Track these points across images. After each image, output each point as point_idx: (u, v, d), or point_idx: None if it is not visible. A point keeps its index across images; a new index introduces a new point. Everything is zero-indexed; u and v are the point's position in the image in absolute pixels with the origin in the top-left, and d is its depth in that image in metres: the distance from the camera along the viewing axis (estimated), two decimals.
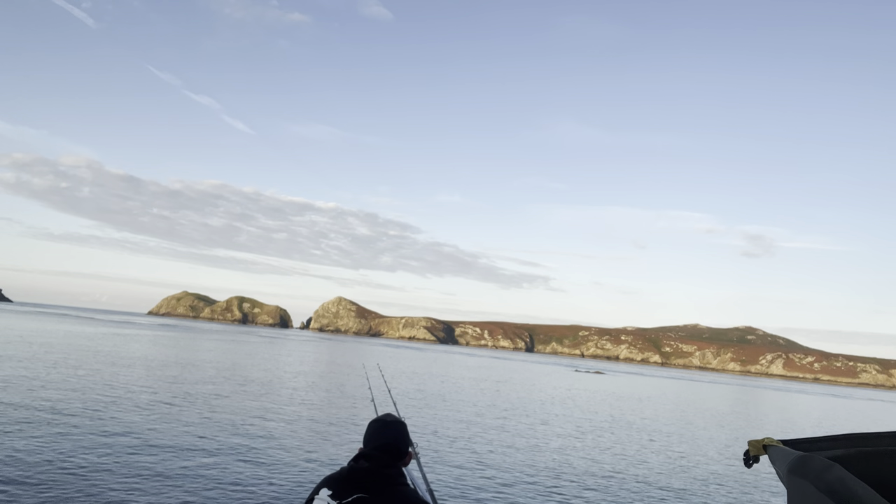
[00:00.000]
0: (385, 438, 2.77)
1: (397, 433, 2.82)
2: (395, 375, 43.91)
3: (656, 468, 17.60)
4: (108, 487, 10.49)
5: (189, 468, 12.25)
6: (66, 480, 10.63)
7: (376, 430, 2.82)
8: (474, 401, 31.96)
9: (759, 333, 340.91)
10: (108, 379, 25.34)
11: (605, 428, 25.96)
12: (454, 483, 13.26)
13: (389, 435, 2.79)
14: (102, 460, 12.14)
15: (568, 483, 14.47)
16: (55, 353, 34.89)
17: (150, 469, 11.88)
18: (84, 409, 17.46)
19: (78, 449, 12.82)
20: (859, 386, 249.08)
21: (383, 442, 2.76)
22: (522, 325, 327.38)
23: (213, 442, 14.93)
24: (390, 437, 2.79)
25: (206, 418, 18.20)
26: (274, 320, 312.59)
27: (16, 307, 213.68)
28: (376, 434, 2.80)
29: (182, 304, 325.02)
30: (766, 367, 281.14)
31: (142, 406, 19.19)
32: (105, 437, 14.14)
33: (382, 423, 2.85)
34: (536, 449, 18.78)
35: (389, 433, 2.80)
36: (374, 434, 2.80)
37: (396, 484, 2.64)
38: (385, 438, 2.77)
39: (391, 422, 2.86)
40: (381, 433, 2.80)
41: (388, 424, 2.84)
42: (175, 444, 14.25)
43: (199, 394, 23.58)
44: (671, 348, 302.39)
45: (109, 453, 12.74)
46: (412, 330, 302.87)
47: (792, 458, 1.67)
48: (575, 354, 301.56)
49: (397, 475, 2.67)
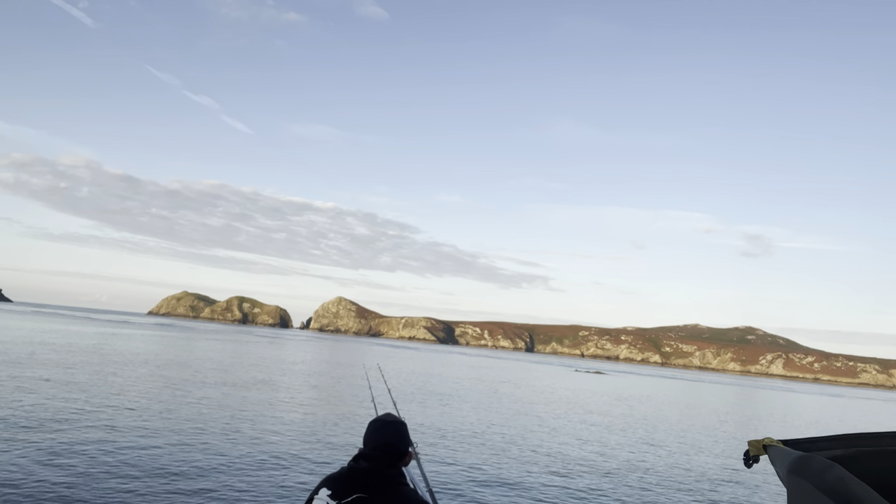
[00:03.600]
0: (385, 438, 2.75)
1: (397, 433, 2.80)
2: (395, 375, 43.90)
3: (656, 468, 17.60)
4: (107, 487, 10.48)
5: (188, 468, 12.24)
6: (64, 480, 10.62)
7: (376, 430, 2.80)
8: (474, 401, 31.95)
9: (759, 333, 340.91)
10: (105, 379, 25.33)
11: (605, 428, 25.95)
12: (454, 483, 13.25)
13: (389, 435, 2.77)
14: (101, 460, 12.13)
15: (568, 483, 14.46)
16: (54, 354, 34.88)
17: (149, 469, 11.87)
18: (82, 409, 17.45)
19: (77, 448, 12.81)
20: (859, 386, 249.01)
21: (383, 442, 2.74)
22: (522, 325, 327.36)
23: (212, 442, 14.92)
24: (390, 438, 2.77)
25: (205, 418, 18.19)
26: (274, 320, 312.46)
27: (16, 307, 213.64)
28: (376, 434, 2.78)
29: (182, 304, 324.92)
30: (766, 367, 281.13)
31: (140, 406, 19.17)
32: (104, 437, 14.13)
33: (382, 423, 2.83)
34: (536, 449, 18.77)
35: (389, 433, 2.78)
36: (373, 434, 2.79)
37: (396, 484, 2.62)
38: (385, 438, 2.75)
39: (391, 422, 2.84)
40: (381, 433, 2.78)
41: (388, 424, 2.82)
42: (174, 444, 14.23)
43: (198, 394, 23.57)
44: (671, 348, 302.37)
45: (110, 453, 12.73)
46: (412, 330, 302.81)
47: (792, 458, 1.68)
48: (575, 354, 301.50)
49: (397, 475, 2.66)
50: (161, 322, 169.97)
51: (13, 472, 10.73)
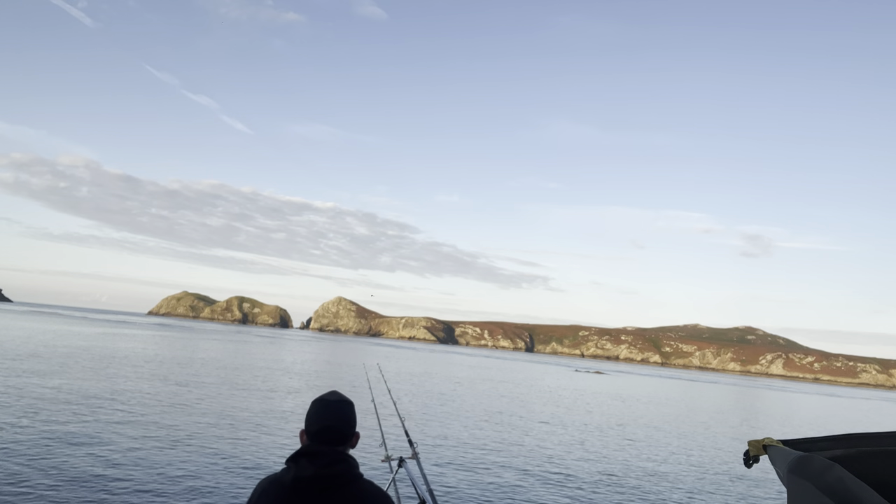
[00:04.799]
0: (328, 420, 2.45)
1: (341, 413, 2.49)
2: (395, 375, 43.91)
3: (656, 468, 17.60)
4: (103, 488, 10.48)
5: (188, 469, 12.24)
6: (60, 482, 10.62)
7: (317, 410, 2.48)
8: (474, 401, 31.95)
9: (759, 333, 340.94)
10: (102, 379, 25.32)
11: (605, 428, 25.96)
12: (454, 483, 13.26)
13: (331, 416, 2.46)
14: (99, 461, 12.14)
15: (568, 483, 14.46)
16: (54, 353, 34.87)
17: (149, 470, 11.87)
18: (79, 410, 17.45)
19: (74, 448, 12.82)
20: (859, 386, 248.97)
21: (326, 424, 2.44)
22: (522, 325, 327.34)
23: (211, 442, 14.92)
24: (332, 419, 2.46)
25: (205, 418, 18.19)
26: (274, 320, 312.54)
27: (16, 307, 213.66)
28: (318, 415, 2.47)
29: (182, 304, 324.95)
30: (766, 367, 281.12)
31: (139, 407, 19.17)
32: (102, 438, 14.13)
33: (324, 404, 2.50)
34: (536, 449, 18.77)
35: (332, 414, 2.47)
36: (315, 415, 2.48)
37: (351, 480, 2.36)
38: (328, 420, 2.45)
39: (334, 401, 2.51)
40: (324, 414, 2.47)
41: (331, 404, 2.50)
42: (173, 444, 14.24)
43: (198, 394, 23.57)
44: (671, 348, 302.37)
45: (108, 453, 12.73)
46: (412, 330, 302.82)
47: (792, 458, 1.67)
48: (575, 354, 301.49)
49: (347, 470, 2.37)
50: (161, 322, 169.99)
51: (5, 471, 10.74)
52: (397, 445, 6.21)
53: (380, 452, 5.50)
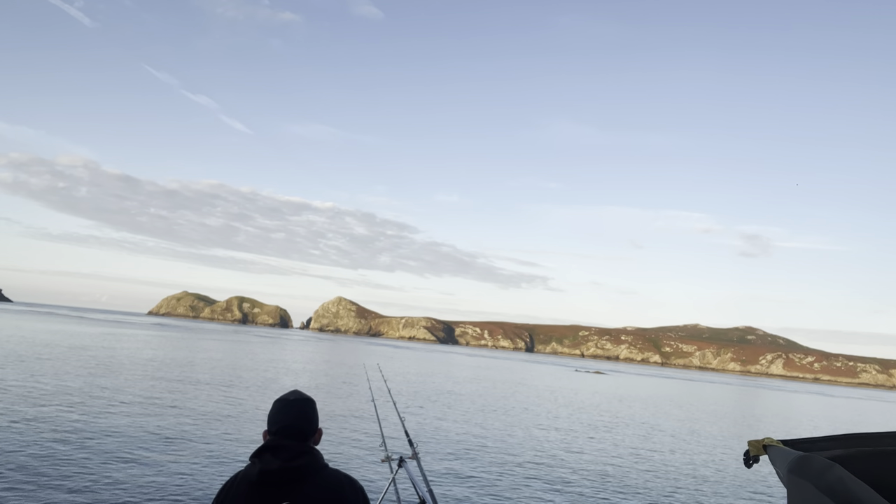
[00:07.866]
0: (288, 419, 2.51)
1: (301, 412, 2.55)
2: (395, 375, 43.90)
3: (656, 468, 17.60)
4: (104, 488, 10.48)
5: (187, 469, 12.24)
6: (57, 481, 10.63)
7: (279, 409, 2.54)
8: (474, 401, 31.95)
9: (759, 333, 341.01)
10: (102, 379, 25.32)
11: (605, 428, 25.96)
12: (454, 483, 13.26)
13: (292, 415, 2.52)
14: (99, 461, 12.14)
15: (568, 483, 14.46)
16: (54, 353, 34.87)
17: (149, 469, 11.88)
18: (79, 410, 17.45)
19: (73, 449, 12.82)
20: (859, 386, 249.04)
21: (287, 423, 2.50)
22: (522, 325, 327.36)
23: (210, 442, 14.92)
24: (292, 418, 2.51)
25: (205, 419, 18.18)
26: (274, 320, 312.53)
27: (15, 307, 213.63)
28: (279, 414, 2.53)
29: (182, 304, 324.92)
30: (766, 367, 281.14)
31: (138, 407, 19.17)
32: (102, 438, 14.13)
33: (285, 403, 2.56)
34: (536, 449, 18.77)
35: (292, 412, 2.53)
36: (276, 414, 2.54)
37: (316, 471, 2.42)
38: (288, 419, 2.51)
39: (294, 400, 2.58)
40: (285, 413, 2.53)
41: (291, 403, 2.56)
42: (173, 444, 14.23)
43: (197, 394, 23.56)
44: (671, 348, 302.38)
45: (108, 453, 12.73)
46: (412, 330, 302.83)
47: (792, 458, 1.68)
48: (575, 354, 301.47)
49: (313, 461, 2.44)
50: (161, 322, 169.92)
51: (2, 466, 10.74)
52: (397, 445, 6.21)
53: (380, 452, 5.50)
